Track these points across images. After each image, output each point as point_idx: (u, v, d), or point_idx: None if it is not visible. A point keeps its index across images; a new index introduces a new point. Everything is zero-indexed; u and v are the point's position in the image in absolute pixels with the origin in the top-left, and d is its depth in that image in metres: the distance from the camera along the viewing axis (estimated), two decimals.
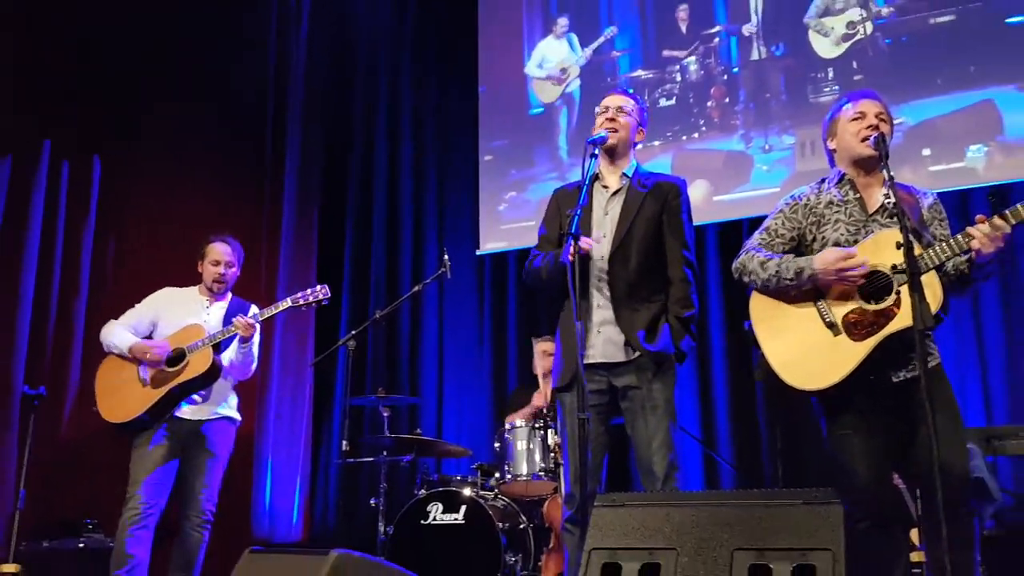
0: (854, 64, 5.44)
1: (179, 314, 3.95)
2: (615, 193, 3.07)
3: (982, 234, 2.26)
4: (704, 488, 5.25)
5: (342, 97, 6.89)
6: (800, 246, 2.66)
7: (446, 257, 4.42)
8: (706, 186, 5.69)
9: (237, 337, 3.80)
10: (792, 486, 2.23)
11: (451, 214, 6.59)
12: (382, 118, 6.84)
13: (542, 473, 4.35)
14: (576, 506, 2.77)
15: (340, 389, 6.28)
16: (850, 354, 2.41)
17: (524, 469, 4.41)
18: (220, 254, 4.03)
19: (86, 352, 5.05)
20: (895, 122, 2.84)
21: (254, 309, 3.98)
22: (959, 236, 2.34)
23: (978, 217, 2.29)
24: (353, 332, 4.50)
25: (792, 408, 4.41)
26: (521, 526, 4.32)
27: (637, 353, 2.88)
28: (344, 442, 4.40)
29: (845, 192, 2.62)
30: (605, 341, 2.90)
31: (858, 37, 5.46)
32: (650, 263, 2.99)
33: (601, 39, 6.18)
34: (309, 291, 3.91)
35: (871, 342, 2.39)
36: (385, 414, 4.80)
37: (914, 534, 3.10)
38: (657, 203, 3.03)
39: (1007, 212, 2.27)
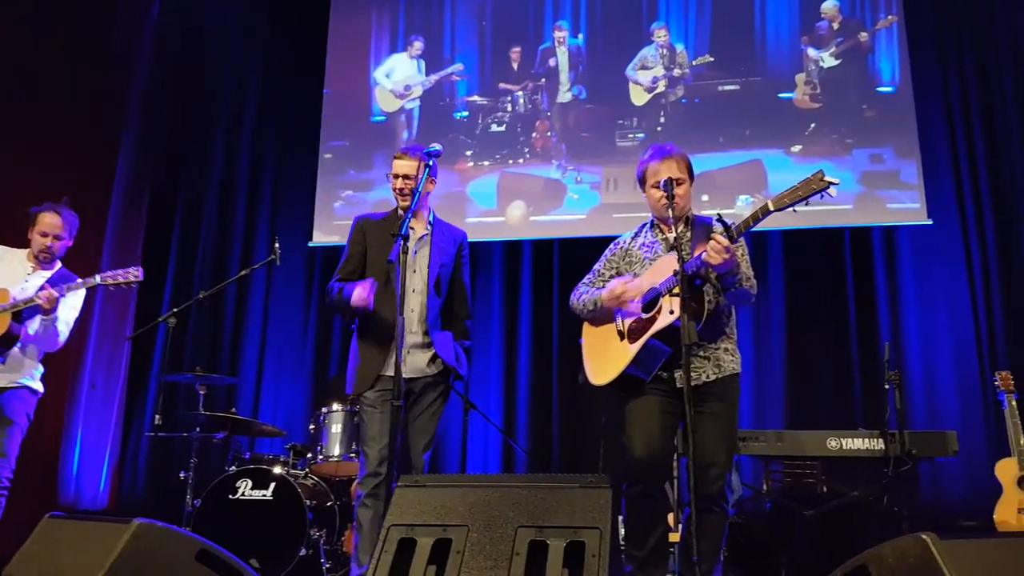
0: (659, 118, 5.82)
1: None
2: (421, 237, 3.26)
3: (711, 249, 2.48)
4: (502, 472, 5.43)
5: (188, 80, 6.50)
6: None
7: (277, 245, 4.27)
8: (525, 206, 5.86)
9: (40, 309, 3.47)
10: (585, 471, 2.38)
11: (287, 205, 6.39)
12: (225, 106, 6.53)
13: (354, 455, 4.31)
14: (378, 483, 2.94)
15: (157, 365, 5.92)
16: (627, 352, 2.72)
17: (337, 451, 4.35)
18: (48, 225, 3.68)
19: None
20: None
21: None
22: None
23: (713, 235, 2.53)
24: (175, 310, 4.26)
25: (606, 405, 4.60)
26: (328, 504, 4.25)
27: (438, 370, 3.17)
28: (157, 416, 4.16)
29: (655, 235, 2.91)
30: (412, 360, 3.10)
31: (659, 90, 5.86)
32: (449, 299, 3.28)
33: (448, 71, 6.23)
34: (121, 271, 3.57)
35: (640, 342, 2.68)
36: (201, 392, 4.57)
37: (671, 517, 3.34)
38: (453, 248, 3.32)
39: (727, 232, 2.52)
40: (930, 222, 5.33)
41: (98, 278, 3.55)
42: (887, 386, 4.06)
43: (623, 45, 6.00)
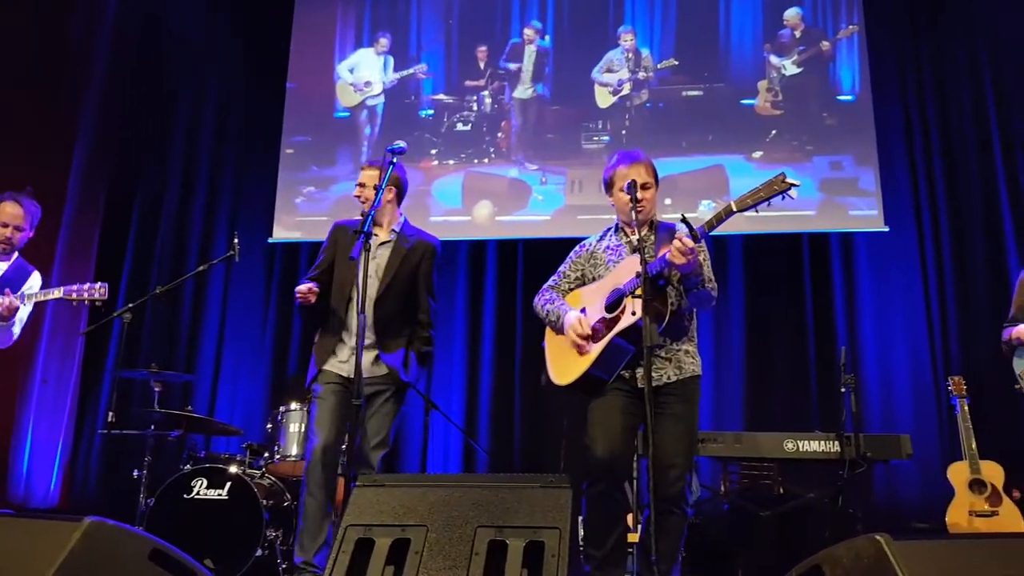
0: (624, 121, 5.85)
1: None
2: (384, 243, 3.34)
3: (676, 249, 2.50)
4: (463, 472, 5.41)
5: (148, 73, 6.36)
6: (583, 283, 2.97)
7: (236, 240, 4.19)
8: (490, 206, 5.85)
9: None
10: (546, 471, 2.37)
11: (247, 200, 6.29)
12: (186, 99, 6.41)
13: None
14: (323, 472, 3.11)
15: (112, 360, 5.78)
16: (590, 353, 2.73)
17: (294, 450, 4.29)
18: (8, 215, 3.56)
19: None
20: None
21: (36, 277, 3.57)
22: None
23: (678, 235, 2.55)
24: (130, 305, 4.16)
25: (568, 407, 4.59)
26: (285, 504, 4.19)
27: (384, 373, 3.24)
28: (110, 413, 4.07)
29: (619, 238, 2.92)
30: (363, 361, 3.07)
31: (624, 93, 5.89)
32: (405, 306, 3.34)
33: (411, 71, 6.19)
34: (87, 286, 3.49)
35: (603, 342, 2.70)
36: (156, 389, 4.48)
37: (630, 518, 3.35)
38: (416, 257, 3.36)
39: (691, 232, 2.54)
40: (887, 229, 5.44)
41: (61, 291, 3.47)
42: (843, 390, 4.12)
43: (589, 47, 6.03)
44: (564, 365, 2.83)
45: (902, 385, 5.29)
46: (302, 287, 3.17)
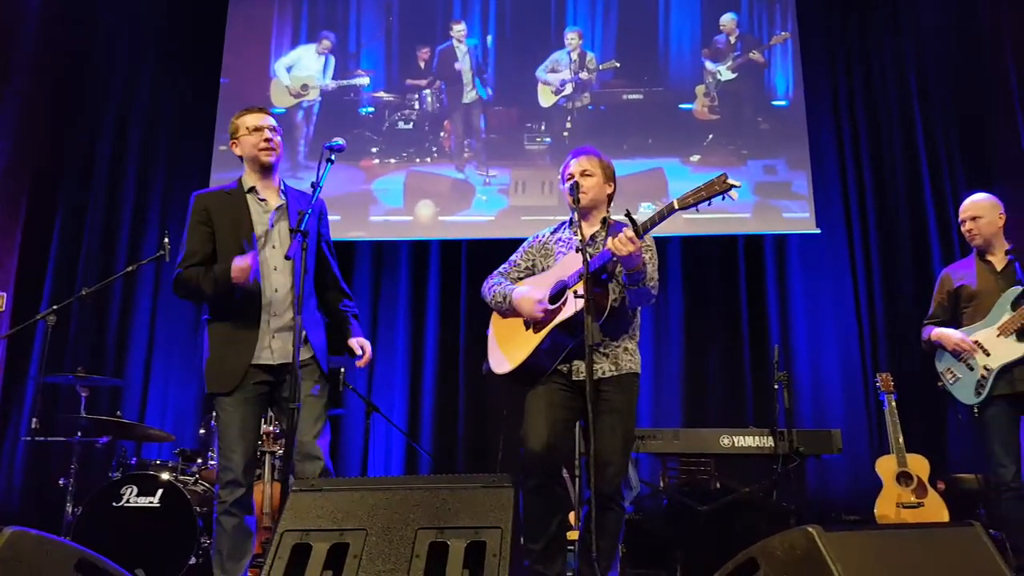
0: (566, 123, 5.90)
1: None
2: (278, 208, 2.96)
3: (618, 240, 2.54)
4: (405, 475, 5.36)
5: (75, 65, 6.13)
6: (534, 273, 2.97)
7: (167, 240, 4.08)
8: (433, 206, 5.82)
9: None
10: (490, 471, 2.35)
11: (179, 199, 6.10)
12: (115, 93, 6.19)
13: None
14: (244, 494, 2.78)
15: (35, 365, 5.55)
16: (530, 342, 2.76)
17: None
18: None
19: None
20: None
21: None
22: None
23: (624, 229, 2.59)
24: (54, 307, 4.00)
25: (508, 401, 4.57)
26: None
27: (311, 354, 2.88)
28: (34, 419, 3.90)
29: (572, 231, 2.94)
30: (282, 345, 2.84)
31: (566, 93, 5.94)
32: (316, 275, 2.99)
33: (353, 82, 6.11)
34: None
35: (544, 331, 2.72)
36: (83, 394, 4.32)
37: (571, 516, 3.37)
38: (316, 221, 2.96)
39: (634, 226, 2.59)
40: (818, 231, 5.61)
41: None
42: (776, 386, 4.23)
43: (532, 47, 6.05)
44: (505, 353, 2.83)
45: (833, 382, 5.46)
46: (247, 263, 2.73)
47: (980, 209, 3.46)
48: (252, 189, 2.95)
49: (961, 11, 5.75)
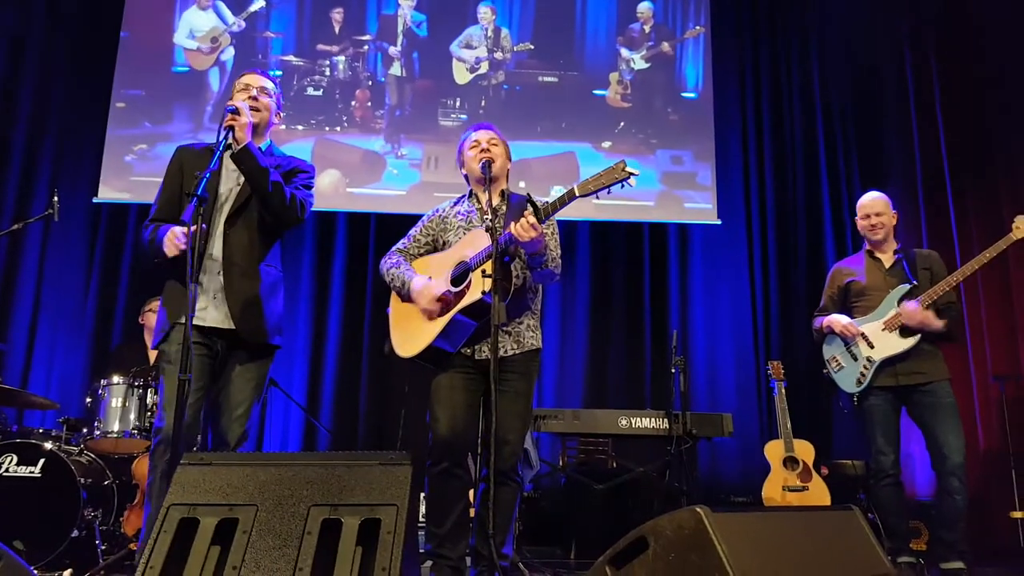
0: (481, 101, 5.84)
1: None
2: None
3: (521, 227, 2.54)
4: (303, 451, 5.23)
5: None
6: (435, 249, 2.92)
7: (56, 198, 3.82)
8: (339, 176, 5.67)
9: None
10: (391, 448, 2.30)
11: (71, 156, 5.73)
12: (2, 41, 5.72)
13: (135, 431, 3.97)
14: (171, 457, 2.53)
15: None
16: (434, 326, 2.70)
17: (116, 426, 4.00)
18: None
19: None
20: None
21: None
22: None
23: (525, 214, 2.58)
24: None
25: (410, 377, 4.50)
26: (106, 482, 3.90)
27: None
28: None
29: (472, 203, 2.90)
30: (218, 307, 2.71)
31: (481, 72, 5.88)
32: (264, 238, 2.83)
33: (251, 9, 5.86)
34: None
35: (448, 316, 2.67)
36: None
37: (471, 493, 3.37)
38: (288, 180, 2.84)
39: (536, 212, 2.57)
40: (719, 222, 5.77)
41: None
42: (673, 370, 4.35)
43: (449, 21, 5.96)
44: (407, 335, 2.78)
45: (727, 367, 5.65)
46: (177, 236, 2.60)
47: (882, 206, 3.62)
48: (229, 146, 2.77)
49: (867, 16, 5.98)
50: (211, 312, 2.70)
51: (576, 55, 5.97)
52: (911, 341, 3.39)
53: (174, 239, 2.62)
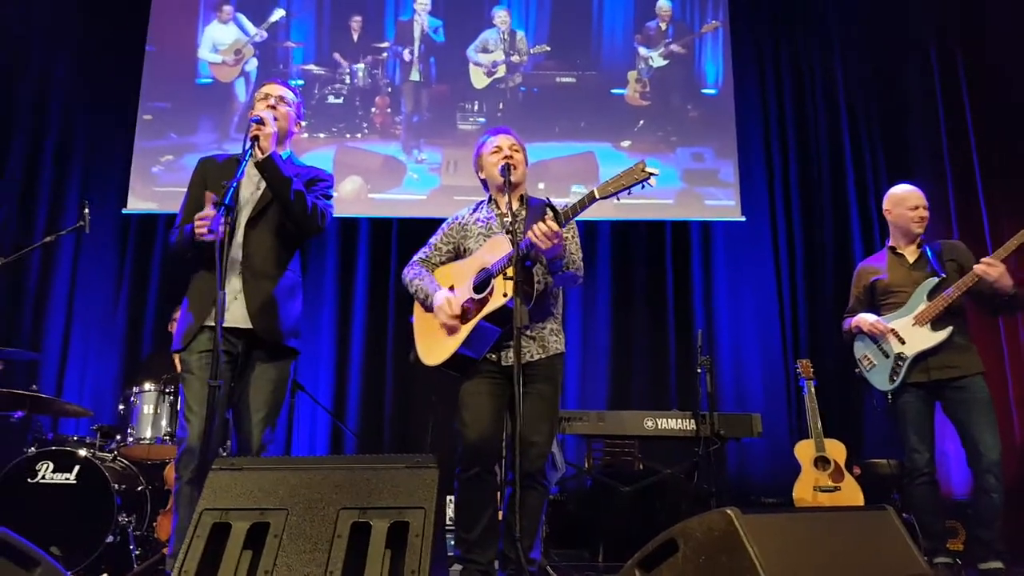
0: (499, 104, 5.85)
1: None
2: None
3: (539, 232, 2.53)
4: (330, 454, 5.27)
5: None
6: (457, 256, 2.91)
7: (86, 210, 3.88)
8: (361, 182, 5.70)
9: None
10: (416, 452, 2.30)
11: (100, 168, 5.82)
12: (36, 56, 5.83)
13: (167, 438, 4.04)
14: (197, 465, 2.52)
15: None
16: (458, 335, 2.70)
17: (148, 433, 4.08)
18: None
19: None
20: None
21: None
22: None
23: (544, 219, 2.57)
24: None
25: (437, 385, 4.51)
26: (139, 488, 3.96)
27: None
28: None
29: (491, 209, 2.90)
30: (241, 307, 2.71)
31: (499, 75, 5.89)
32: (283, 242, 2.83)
33: (272, 19, 5.91)
34: None
35: (472, 323, 2.67)
36: None
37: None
38: (308, 190, 2.83)
39: (556, 217, 2.58)
40: (743, 219, 5.72)
41: None
42: (699, 370, 4.30)
43: (465, 25, 5.97)
44: (432, 344, 2.78)
45: (754, 367, 5.59)
46: (207, 217, 2.58)
47: (924, 198, 3.57)
48: (252, 156, 2.77)
49: (890, 9, 5.90)
50: (230, 311, 2.70)
51: (593, 55, 5.95)
52: (943, 334, 3.33)
53: (199, 219, 2.60)
